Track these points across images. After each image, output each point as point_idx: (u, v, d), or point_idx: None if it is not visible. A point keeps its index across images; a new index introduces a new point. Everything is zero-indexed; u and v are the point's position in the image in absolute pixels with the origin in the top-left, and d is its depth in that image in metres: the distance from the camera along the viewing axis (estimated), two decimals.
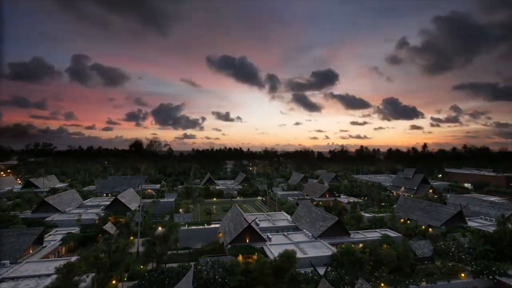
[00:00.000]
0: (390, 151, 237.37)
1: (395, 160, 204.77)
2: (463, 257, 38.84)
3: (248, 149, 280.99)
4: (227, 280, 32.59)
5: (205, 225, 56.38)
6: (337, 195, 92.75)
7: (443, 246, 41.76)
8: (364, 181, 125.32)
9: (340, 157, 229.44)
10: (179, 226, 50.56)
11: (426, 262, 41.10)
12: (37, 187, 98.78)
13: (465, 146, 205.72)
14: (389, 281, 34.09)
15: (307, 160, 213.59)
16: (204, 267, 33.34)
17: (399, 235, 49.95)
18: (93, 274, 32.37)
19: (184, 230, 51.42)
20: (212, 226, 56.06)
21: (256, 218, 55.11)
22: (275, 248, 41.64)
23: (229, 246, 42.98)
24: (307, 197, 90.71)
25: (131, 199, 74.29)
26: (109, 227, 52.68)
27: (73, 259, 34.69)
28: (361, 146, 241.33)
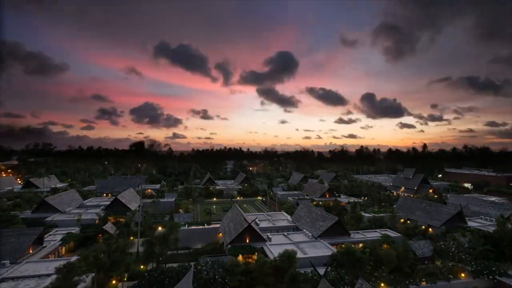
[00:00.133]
0: (390, 151, 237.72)
1: (395, 160, 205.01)
2: (463, 257, 38.81)
3: (248, 149, 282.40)
4: (227, 280, 32.59)
5: (205, 225, 56.38)
6: (337, 195, 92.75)
7: (443, 246, 41.72)
8: (364, 181, 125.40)
9: (340, 157, 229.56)
10: (179, 226, 50.57)
11: (426, 262, 41.16)
12: (37, 187, 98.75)
13: (465, 146, 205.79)
14: (389, 281, 34.09)
15: (306, 160, 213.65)
16: (204, 267, 33.33)
17: (399, 235, 49.93)
18: (93, 274, 32.38)
19: (184, 230, 51.41)
20: (212, 226, 56.06)
21: (256, 218, 55.12)
22: (275, 248, 41.64)
23: (229, 246, 42.98)
24: (307, 197, 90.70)
25: (131, 199, 74.32)
26: (109, 227, 52.71)
27: (73, 259, 34.66)
28: (361, 146, 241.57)
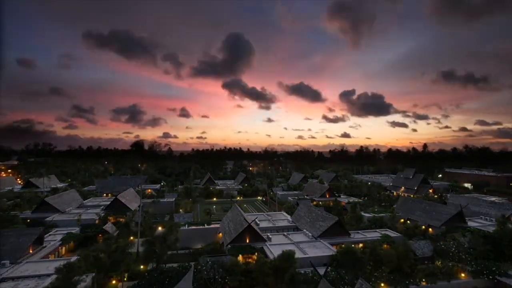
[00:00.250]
0: (390, 151, 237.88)
1: (394, 160, 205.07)
2: (463, 257, 38.81)
3: (248, 149, 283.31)
4: (227, 280, 32.59)
5: (205, 225, 56.38)
6: (337, 195, 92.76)
7: (443, 246, 41.72)
8: (364, 181, 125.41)
9: (340, 157, 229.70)
10: (179, 226, 50.58)
11: (426, 262, 41.12)
12: (37, 187, 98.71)
13: (466, 146, 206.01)
14: (389, 281, 34.11)
15: (306, 160, 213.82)
16: (204, 267, 33.33)
17: (399, 235, 49.94)
18: (93, 274, 32.37)
19: (184, 230, 51.42)
20: (212, 226, 56.04)
21: (256, 218, 55.13)
22: (275, 248, 41.62)
23: (229, 246, 42.98)
24: (307, 197, 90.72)
25: (131, 199, 74.30)
26: (109, 227, 52.73)
27: (73, 259, 34.66)
28: (361, 146, 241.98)
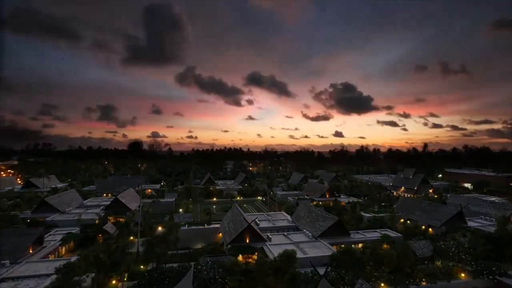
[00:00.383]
0: (390, 151, 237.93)
1: (394, 160, 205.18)
2: (463, 257, 38.80)
3: (248, 149, 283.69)
4: (227, 280, 32.59)
5: (205, 225, 56.38)
6: (337, 195, 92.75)
7: (443, 246, 41.72)
8: (364, 181, 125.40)
9: (340, 157, 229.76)
10: (179, 226, 50.60)
11: (426, 262, 41.12)
12: (37, 187, 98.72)
13: (465, 146, 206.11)
14: (389, 281, 34.11)
15: (307, 161, 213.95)
16: (204, 267, 33.33)
17: (399, 235, 49.95)
18: (93, 274, 32.37)
19: (184, 230, 51.43)
20: (212, 226, 56.04)
21: (256, 218, 55.13)
22: (275, 248, 41.62)
23: (229, 246, 42.98)
24: (307, 197, 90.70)
25: (131, 199, 74.28)
26: (109, 227, 52.70)
27: (73, 259, 34.66)
28: (361, 146, 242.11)
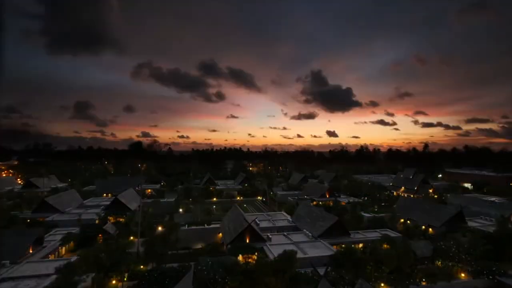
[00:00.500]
0: (390, 151, 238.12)
1: (393, 160, 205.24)
2: (463, 257, 38.82)
3: (248, 149, 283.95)
4: (227, 280, 32.58)
5: (205, 225, 56.40)
6: (337, 195, 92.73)
7: (443, 246, 41.74)
8: (364, 181, 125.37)
9: (340, 157, 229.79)
10: (179, 226, 50.61)
11: (426, 262, 41.12)
12: (37, 187, 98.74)
13: (466, 146, 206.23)
14: (389, 281, 34.11)
15: (308, 161, 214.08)
16: (204, 267, 33.33)
17: (399, 235, 49.95)
18: (93, 274, 32.37)
19: (184, 230, 51.45)
20: (212, 226, 56.09)
21: (256, 218, 55.15)
22: (275, 248, 41.63)
23: (229, 246, 42.98)
24: (307, 197, 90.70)
25: (131, 199, 74.26)
26: (109, 227, 52.68)
27: (73, 259, 34.68)
28: (361, 146, 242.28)
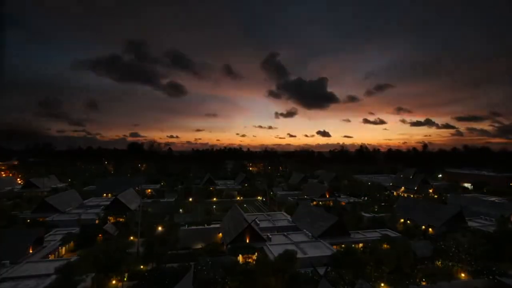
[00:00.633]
0: (390, 151, 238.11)
1: (393, 160, 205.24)
2: (463, 257, 38.82)
3: (248, 149, 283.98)
4: (227, 280, 32.59)
5: (205, 225, 56.41)
6: (337, 195, 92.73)
7: (443, 246, 41.73)
8: (364, 181, 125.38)
9: (340, 157, 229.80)
10: (179, 226, 50.65)
11: (426, 262, 41.11)
12: (37, 187, 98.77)
13: (466, 146, 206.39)
14: (389, 281, 34.11)
15: (309, 160, 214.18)
16: (204, 267, 33.33)
17: (399, 235, 49.95)
18: (93, 274, 32.37)
19: (184, 230, 51.44)
20: (212, 226, 56.08)
21: (256, 218, 55.13)
22: (275, 248, 41.62)
23: (229, 246, 42.98)
24: (307, 197, 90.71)
25: (131, 199, 74.27)
26: (109, 227, 52.70)
27: (73, 259, 34.66)
28: (361, 146, 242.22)
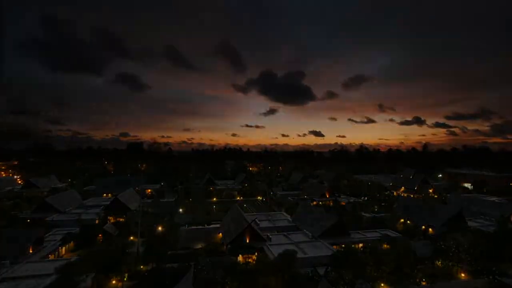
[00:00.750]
0: (391, 151, 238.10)
1: (392, 160, 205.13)
2: (463, 257, 38.82)
3: (248, 149, 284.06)
4: (227, 280, 32.60)
5: (205, 225, 56.42)
6: (337, 195, 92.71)
7: (443, 246, 41.73)
8: (364, 181, 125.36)
9: (340, 157, 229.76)
10: (179, 226, 50.65)
11: (426, 262, 41.11)
12: (37, 187, 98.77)
13: (465, 146, 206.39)
14: (389, 281, 34.10)
15: (307, 160, 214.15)
16: (204, 267, 33.34)
17: (399, 235, 49.95)
18: (93, 274, 32.38)
19: (184, 230, 51.46)
20: (212, 226, 56.08)
21: (256, 218, 55.14)
22: (275, 248, 41.63)
23: (229, 246, 42.99)
24: (307, 197, 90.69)
25: (131, 199, 74.26)
26: (109, 227, 52.70)
27: (73, 259, 34.67)
28: (361, 146, 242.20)
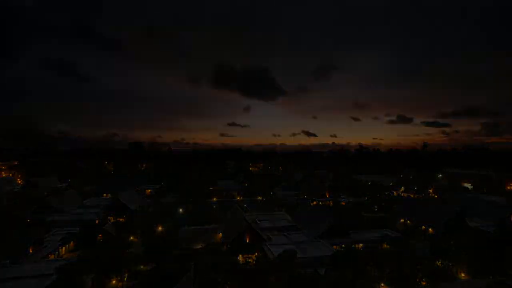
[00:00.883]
0: (391, 151, 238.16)
1: (395, 160, 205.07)
2: (463, 257, 38.80)
3: (248, 149, 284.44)
4: (227, 280, 32.59)
5: (205, 225, 56.40)
6: (337, 195, 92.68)
7: (443, 246, 41.70)
8: (364, 181, 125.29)
9: (340, 156, 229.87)
10: (179, 226, 50.65)
11: (426, 262, 41.07)
12: (37, 187, 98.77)
13: (465, 146, 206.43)
14: (389, 281, 34.08)
15: (308, 160, 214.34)
16: (204, 267, 33.34)
17: (399, 235, 49.94)
18: (93, 274, 32.38)
19: (184, 230, 51.46)
20: (212, 226, 56.06)
21: (256, 218, 55.15)
22: (275, 248, 41.63)
23: (229, 246, 43.00)
24: (307, 197, 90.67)
25: (131, 199, 74.27)
26: (109, 227, 52.72)
27: (73, 259, 34.67)
28: (361, 146, 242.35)
